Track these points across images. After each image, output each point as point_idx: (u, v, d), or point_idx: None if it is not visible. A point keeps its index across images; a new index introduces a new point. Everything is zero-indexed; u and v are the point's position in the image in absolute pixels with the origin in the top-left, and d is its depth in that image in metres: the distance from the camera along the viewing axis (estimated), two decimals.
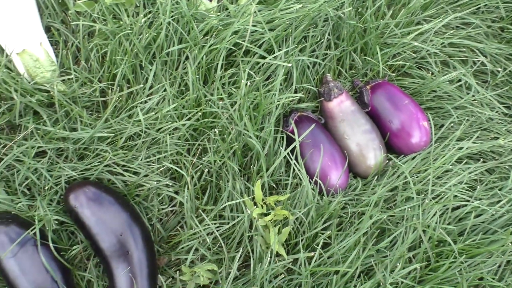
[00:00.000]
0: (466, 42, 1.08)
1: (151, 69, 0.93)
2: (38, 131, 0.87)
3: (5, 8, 0.90)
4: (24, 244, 0.79)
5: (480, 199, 0.94)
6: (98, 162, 0.87)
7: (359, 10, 1.04)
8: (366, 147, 0.97)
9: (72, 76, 0.89)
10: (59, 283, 0.79)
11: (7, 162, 0.84)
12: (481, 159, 0.99)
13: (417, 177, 0.95)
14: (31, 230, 0.79)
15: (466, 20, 1.12)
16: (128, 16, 0.96)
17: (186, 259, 0.86)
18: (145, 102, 0.92)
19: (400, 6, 1.10)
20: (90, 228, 0.82)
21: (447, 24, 1.11)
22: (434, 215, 0.89)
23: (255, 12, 0.95)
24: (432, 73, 1.07)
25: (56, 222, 0.83)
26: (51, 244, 0.80)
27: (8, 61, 0.90)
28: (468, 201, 0.93)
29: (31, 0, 0.94)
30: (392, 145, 1.01)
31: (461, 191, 0.94)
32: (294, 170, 0.91)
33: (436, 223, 0.88)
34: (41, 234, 0.81)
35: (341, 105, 1.00)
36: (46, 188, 0.83)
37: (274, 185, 0.93)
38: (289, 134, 0.96)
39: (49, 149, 0.86)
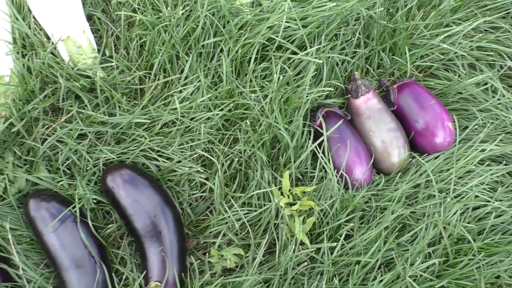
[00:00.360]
0: (494, 46, 1.10)
1: (187, 60, 0.97)
2: (80, 115, 0.92)
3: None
4: (64, 220, 0.84)
5: (500, 200, 0.97)
6: (135, 146, 0.92)
7: (390, 11, 1.06)
8: (391, 144, 1.00)
9: (113, 64, 0.94)
10: (95, 258, 0.83)
11: (51, 142, 0.88)
12: (504, 161, 1.02)
13: (439, 176, 0.98)
14: (72, 208, 0.84)
15: (495, 24, 1.13)
16: (167, 7, 1.00)
17: (213, 243, 0.91)
18: (180, 91, 0.96)
19: (430, 8, 1.12)
20: (125, 208, 0.87)
21: (476, 28, 1.12)
22: (455, 213, 0.92)
23: (289, 8, 0.98)
24: (459, 75, 1.09)
25: (95, 201, 0.87)
26: (90, 222, 0.84)
27: (53, 47, 0.94)
28: (488, 201, 0.95)
29: None
30: (416, 144, 1.03)
31: (482, 192, 0.96)
32: (320, 163, 0.95)
33: (456, 221, 0.91)
34: (79, 211, 0.85)
35: (368, 103, 1.03)
36: (88, 168, 0.88)
37: (300, 177, 0.96)
38: (317, 128, 0.99)
39: (89, 132, 0.91)
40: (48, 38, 0.96)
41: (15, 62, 0.92)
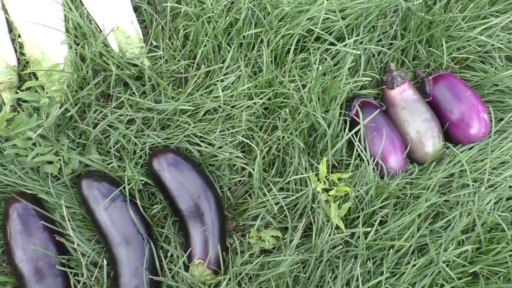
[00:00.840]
0: None
1: (229, 50, 1.01)
2: (128, 101, 0.97)
3: None
4: (114, 199, 0.90)
5: None
6: (179, 132, 0.97)
7: (428, 3, 1.07)
8: (425, 134, 1.02)
9: (159, 53, 0.99)
10: (143, 235, 0.89)
11: (102, 126, 0.94)
12: None
13: (473, 166, 0.99)
14: (123, 188, 0.90)
15: None
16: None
17: (251, 225, 0.95)
18: (222, 80, 1.01)
19: (468, 0, 1.13)
20: (171, 190, 0.92)
21: None
22: (489, 202, 0.94)
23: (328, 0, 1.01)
24: (495, 68, 1.10)
25: (143, 182, 0.93)
26: (138, 202, 0.90)
27: (105, 38, 1.00)
28: None
29: None
30: (451, 134, 1.05)
31: None
32: (356, 151, 0.98)
33: (490, 210, 0.93)
34: (124, 192, 0.91)
35: (403, 94, 1.05)
36: (137, 152, 0.93)
37: (336, 164, 1.00)
38: (353, 117, 1.02)
39: (137, 117, 0.96)
40: (98, 28, 1.01)
41: (69, 50, 0.98)
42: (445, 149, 1.04)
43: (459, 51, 1.10)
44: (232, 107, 0.99)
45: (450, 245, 0.90)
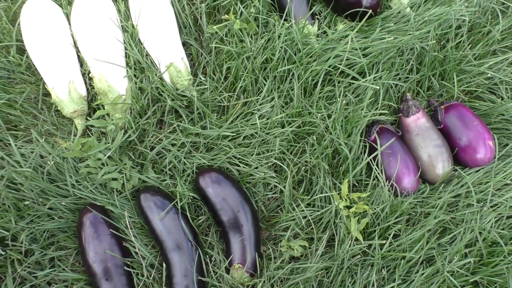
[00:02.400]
0: None
1: (265, 84, 1.17)
2: (179, 126, 1.15)
3: (159, 32, 1.17)
4: (168, 211, 1.07)
5: None
6: (222, 154, 1.13)
7: (441, 42, 1.21)
8: (436, 158, 1.16)
9: (206, 86, 1.16)
10: (192, 242, 1.06)
11: (158, 149, 1.12)
12: None
13: (478, 187, 1.13)
14: (175, 202, 1.07)
15: None
16: (248, 36, 1.20)
17: (281, 235, 1.11)
18: (258, 110, 1.17)
19: (479, 36, 1.26)
20: (214, 204, 1.09)
21: None
22: (490, 220, 1.07)
23: (351, 39, 1.16)
24: (502, 98, 1.22)
25: (192, 197, 1.10)
26: (188, 214, 1.07)
27: (162, 74, 1.17)
28: None
29: (175, 24, 1.21)
30: (459, 158, 1.19)
31: None
32: (374, 173, 1.12)
33: (491, 227, 1.06)
34: (176, 205, 1.08)
35: (417, 122, 1.19)
36: (187, 170, 1.11)
37: (356, 183, 1.15)
38: (372, 143, 1.17)
39: (187, 142, 1.13)
40: (153, 63, 1.19)
41: (130, 83, 1.15)
42: (453, 171, 1.18)
43: (469, 83, 1.23)
44: (267, 133, 1.15)
45: (455, 257, 1.04)
